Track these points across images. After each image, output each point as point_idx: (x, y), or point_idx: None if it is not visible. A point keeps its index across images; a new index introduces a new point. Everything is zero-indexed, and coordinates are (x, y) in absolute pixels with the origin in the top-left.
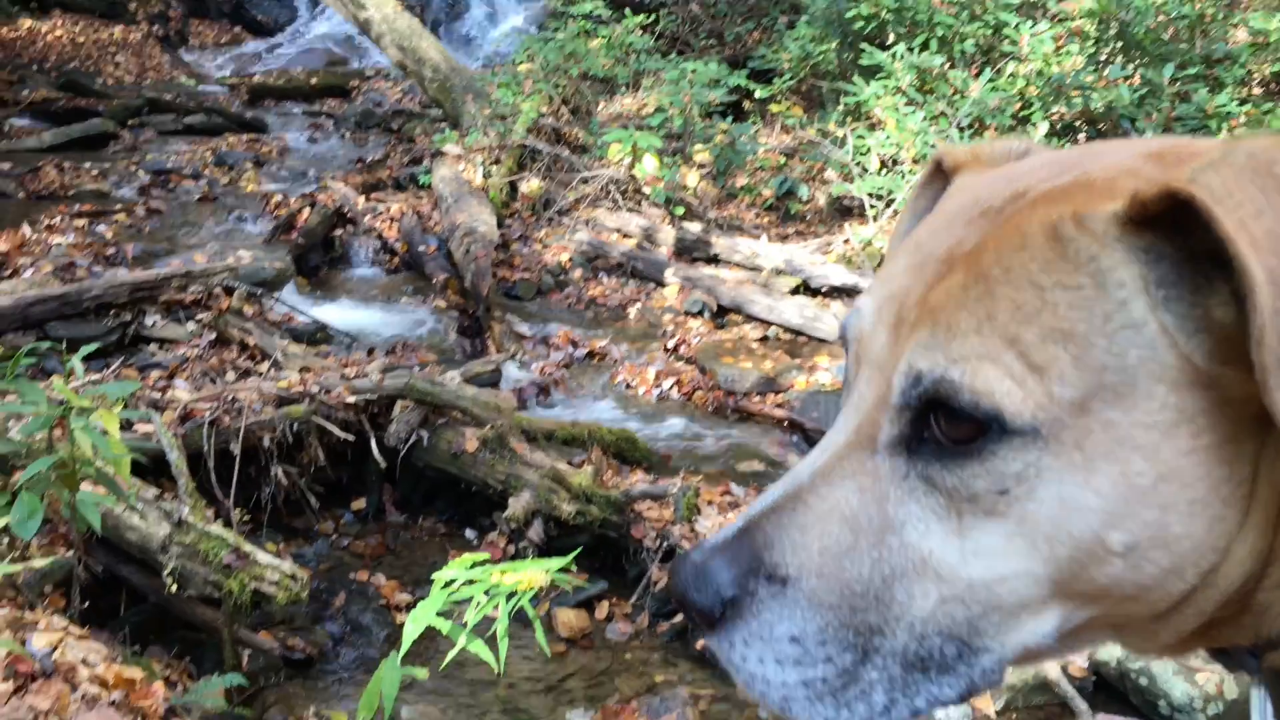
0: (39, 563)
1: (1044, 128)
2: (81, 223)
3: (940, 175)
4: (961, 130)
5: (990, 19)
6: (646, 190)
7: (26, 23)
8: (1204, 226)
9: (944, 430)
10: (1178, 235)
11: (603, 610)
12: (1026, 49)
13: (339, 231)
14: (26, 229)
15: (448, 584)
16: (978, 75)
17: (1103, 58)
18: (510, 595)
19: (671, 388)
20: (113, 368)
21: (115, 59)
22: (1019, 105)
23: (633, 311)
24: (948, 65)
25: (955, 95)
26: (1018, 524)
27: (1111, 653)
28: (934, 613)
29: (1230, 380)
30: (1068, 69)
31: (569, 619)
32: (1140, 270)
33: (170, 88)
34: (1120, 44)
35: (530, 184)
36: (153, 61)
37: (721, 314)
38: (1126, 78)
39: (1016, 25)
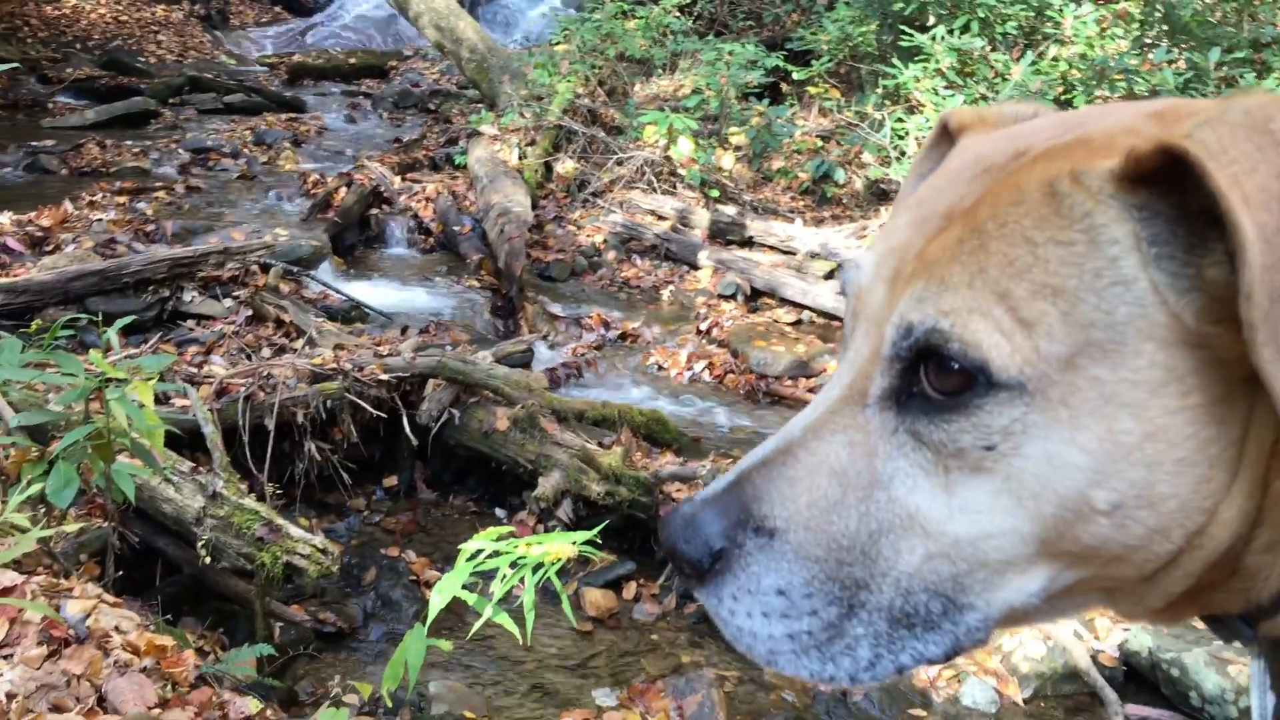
0: (71, 527)
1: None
2: (122, 199)
3: (947, 137)
4: None
5: (1033, 1)
6: (681, 172)
7: (70, 1)
8: (1199, 184)
9: (933, 382)
10: (1173, 193)
11: (630, 591)
12: (1070, 31)
13: (375, 211)
14: (68, 205)
15: (474, 555)
16: (1019, 58)
17: (1148, 41)
18: (537, 568)
19: (703, 370)
20: (151, 342)
21: (157, 38)
22: (1061, 89)
23: (666, 294)
24: (989, 48)
25: (996, 78)
26: (1004, 481)
27: (1143, 642)
28: (920, 569)
29: (1221, 340)
30: (1112, 52)
31: (596, 599)
32: (1133, 227)
33: (211, 67)
34: (1166, 27)
35: (565, 165)
36: (194, 40)
37: (755, 297)
38: (1171, 61)
39: (1060, 7)
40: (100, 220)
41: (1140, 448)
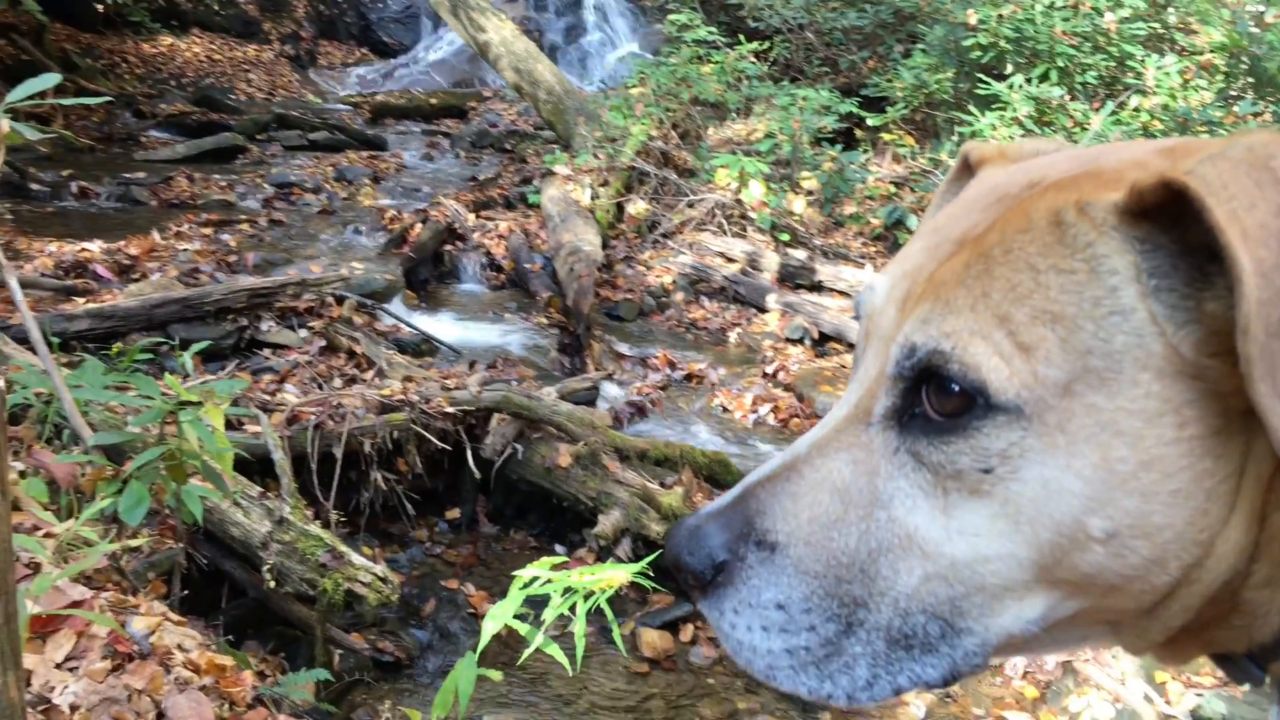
0: (135, 542)
1: None
2: (207, 231)
3: (968, 170)
4: None
5: (1114, 50)
6: (752, 215)
7: (167, 39)
8: (1199, 218)
9: (934, 404)
10: (1176, 227)
11: (687, 633)
12: (1152, 82)
13: (449, 247)
14: (156, 235)
15: (527, 584)
16: (1099, 108)
17: (1232, 93)
18: (588, 596)
19: (768, 413)
20: (228, 369)
21: (248, 76)
22: (1142, 139)
23: (733, 336)
24: (1068, 97)
25: (1075, 127)
26: (1001, 504)
27: (1216, 709)
28: (918, 589)
29: (1219, 374)
30: (1195, 104)
31: (653, 639)
32: (1134, 259)
33: (298, 105)
34: (1251, 79)
35: (637, 206)
36: (283, 79)
37: (822, 341)
38: (1257, 114)
39: (1142, 58)
40: (185, 250)
41: (1136, 477)
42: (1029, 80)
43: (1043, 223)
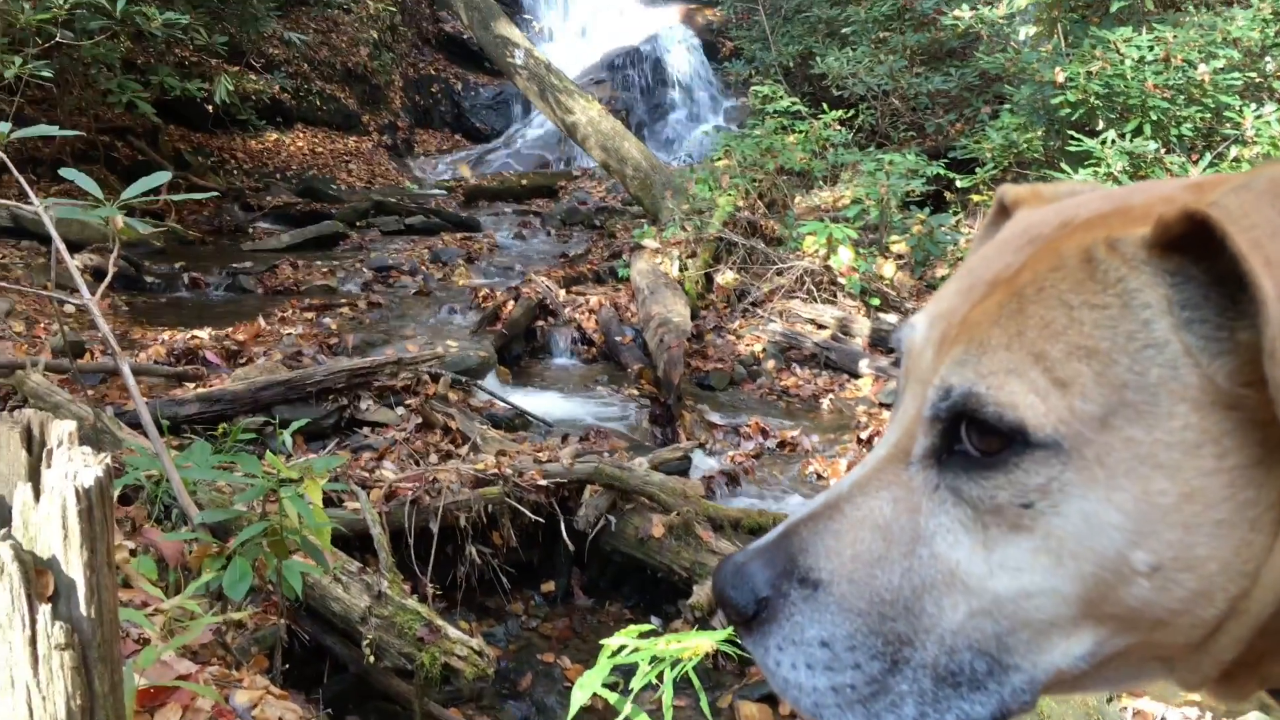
0: (238, 616)
1: None
2: (310, 315)
3: (1004, 213)
4: None
5: (1210, 102)
6: (841, 281)
7: (273, 135)
8: (1225, 248)
9: (973, 441)
10: (1205, 259)
11: (786, 706)
12: (1251, 132)
13: (540, 323)
14: (262, 321)
15: (615, 652)
16: (1197, 160)
17: None
18: (675, 664)
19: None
20: (328, 448)
21: (348, 166)
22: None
23: (825, 402)
24: (1163, 150)
25: None
26: (1043, 539)
27: None
28: (963, 626)
29: (1256, 403)
30: None
31: (752, 713)
32: (1166, 292)
33: (395, 191)
34: None
35: (725, 276)
36: (381, 168)
37: None
38: None
39: (1240, 108)
40: (290, 334)
41: (1178, 509)
42: (1122, 135)
43: (1074, 260)
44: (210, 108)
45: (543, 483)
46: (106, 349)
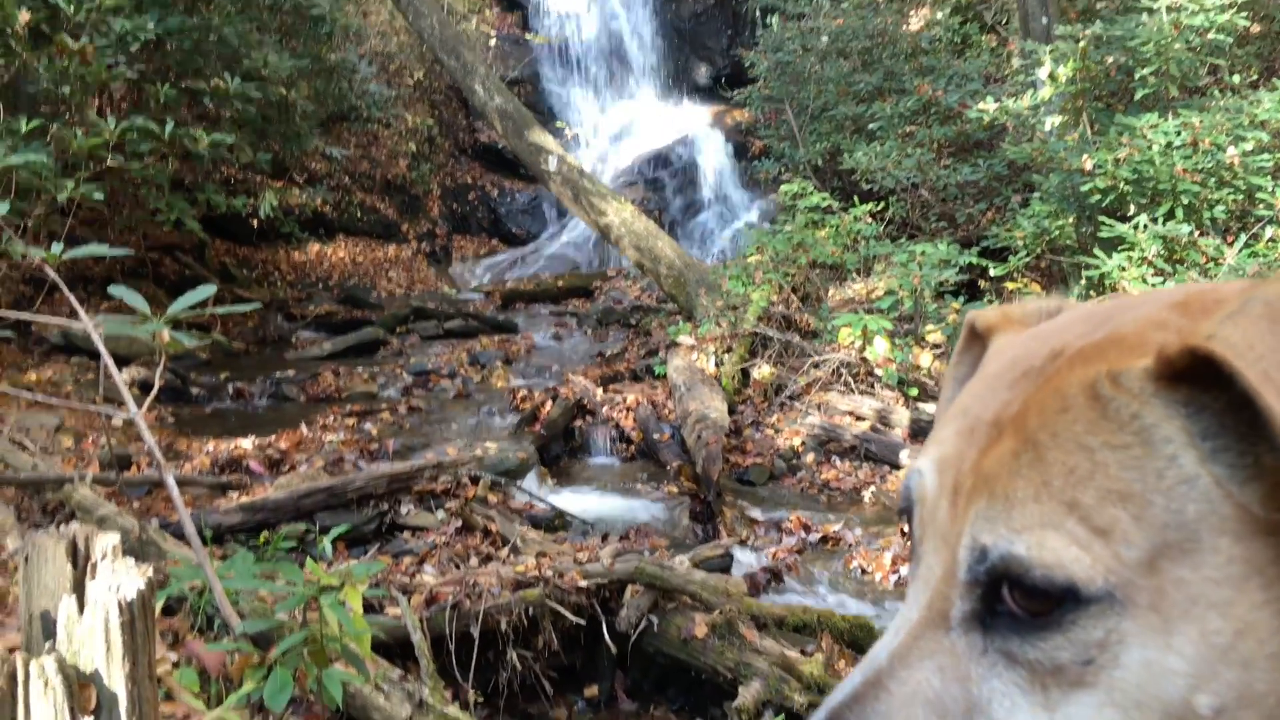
0: None
1: None
2: (351, 421)
3: (977, 339)
4: None
5: (1241, 184)
6: (878, 372)
7: (315, 246)
8: (1235, 383)
9: (1019, 602)
10: (1215, 386)
11: None
12: None
13: (578, 422)
14: (304, 429)
15: None
16: (1232, 242)
17: None
18: None
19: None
20: (369, 553)
21: (388, 274)
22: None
23: (867, 495)
24: (1197, 233)
25: (1208, 263)
26: (1106, 693)
27: None
28: None
29: None
30: None
31: None
32: (1183, 424)
33: (433, 297)
34: None
35: (761, 370)
36: (420, 274)
37: None
38: None
39: (1272, 189)
40: (331, 441)
41: (1233, 647)
42: (1154, 219)
43: (1080, 399)
44: (255, 222)
45: (583, 584)
46: (152, 461)
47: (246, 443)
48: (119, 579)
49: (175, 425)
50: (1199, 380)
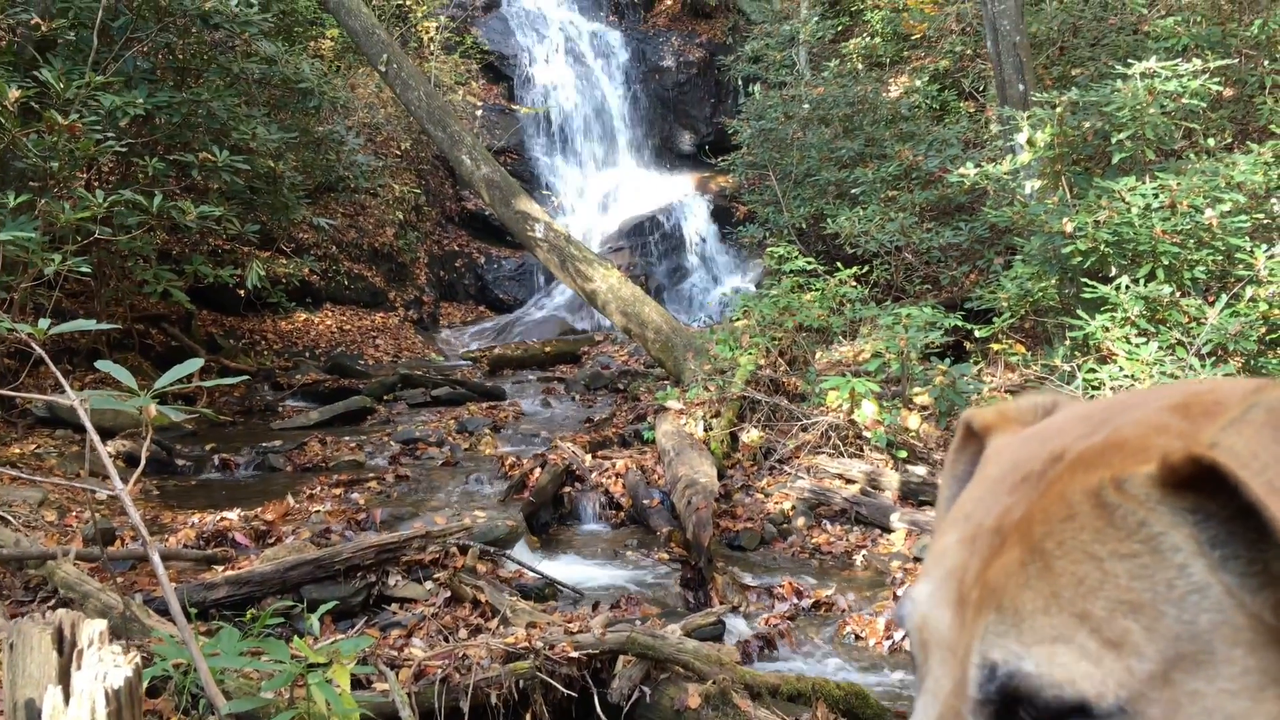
0: None
1: None
2: (338, 491)
3: (973, 438)
4: (1202, 359)
5: (1220, 245)
6: (867, 435)
7: (302, 315)
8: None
9: (1033, 717)
10: (1220, 493)
11: None
12: (1265, 272)
13: (567, 489)
14: (290, 499)
15: None
16: (1213, 301)
17: None
18: None
19: (903, 639)
20: (357, 627)
21: (375, 341)
22: (1264, 329)
23: (858, 559)
24: (1178, 293)
25: (1190, 323)
26: None
27: None
28: None
29: None
30: None
31: None
32: (1191, 531)
33: (421, 364)
34: None
35: (750, 434)
36: (407, 341)
37: None
38: None
39: (1251, 249)
40: (318, 511)
41: None
42: (1136, 281)
43: (1085, 506)
44: (241, 292)
45: (574, 654)
46: (136, 535)
47: (232, 515)
48: (106, 667)
49: (160, 497)
50: (1204, 487)
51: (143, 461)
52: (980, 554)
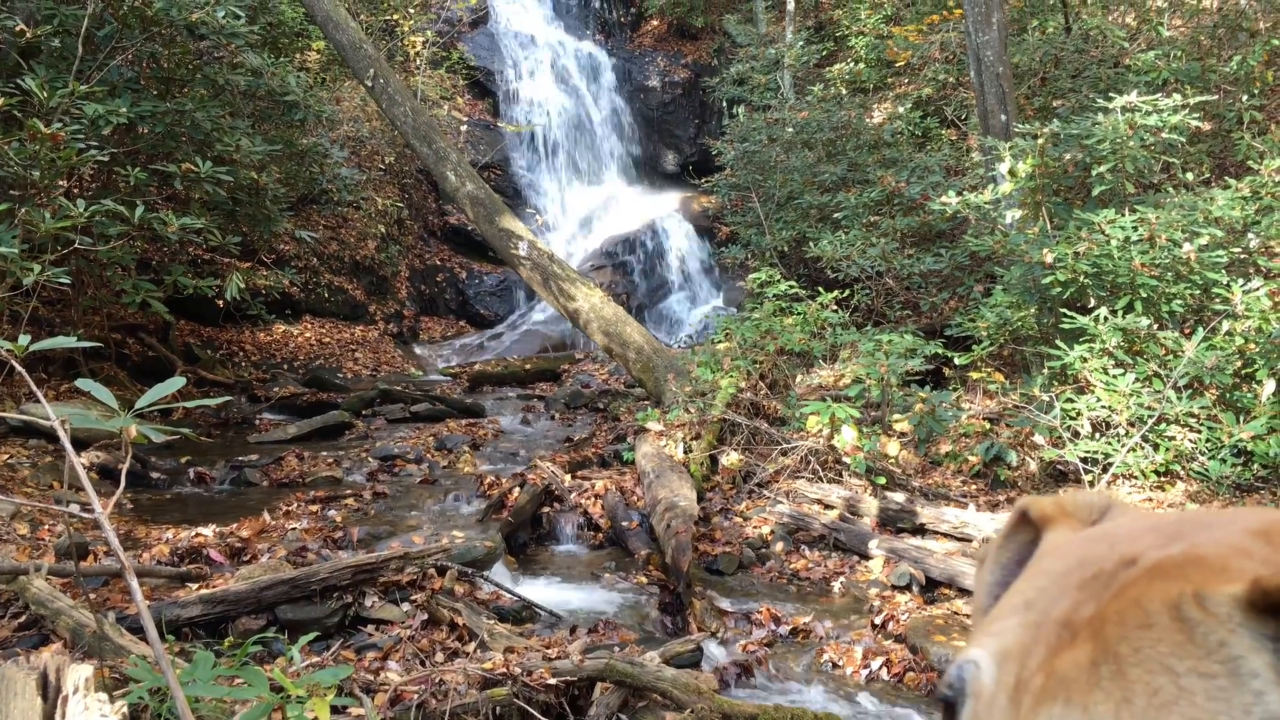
0: None
1: (1271, 386)
2: (315, 508)
3: (1027, 524)
4: (1178, 391)
5: (1197, 279)
6: (847, 460)
7: (281, 327)
8: None
9: None
10: None
11: None
12: (1241, 307)
13: (546, 509)
14: (266, 516)
15: None
16: (1189, 334)
17: None
18: None
19: (880, 668)
20: (332, 650)
21: (355, 355)
22: (1240, 363)
23: (836, 586)
24: (1156, 326)
25: (1168, 355)
26: None
27: None
28: None
29: None
30: None
31: None
32: (1270, 659)
33: (400, 379)
34: None
35: (730, 457)
36: (386, 356)
37: (931, 587)
38: None
39: (1228, 284)
40: (294, 529)
41: None
42: (1114, 312)
43: (1164, 618)
44: (220, 302)
45: (552, 681)
46: (110, 551)
47: (207, 530)
48: (92, 716)
49: (134, 511)
50: None
51: (122, 482)
52: (1045, 644)
